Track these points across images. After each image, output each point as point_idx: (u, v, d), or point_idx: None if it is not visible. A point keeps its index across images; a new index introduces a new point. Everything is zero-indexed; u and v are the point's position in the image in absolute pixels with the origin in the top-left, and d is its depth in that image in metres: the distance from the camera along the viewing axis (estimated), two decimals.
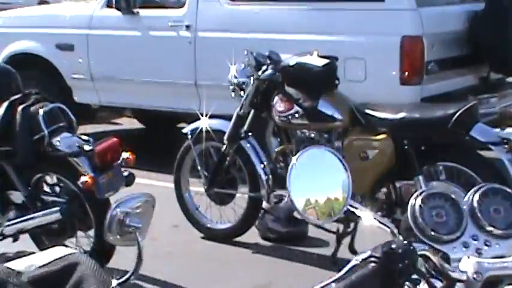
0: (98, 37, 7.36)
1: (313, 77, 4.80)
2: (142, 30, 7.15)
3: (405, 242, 1.59)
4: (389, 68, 6.09)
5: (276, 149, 5.00)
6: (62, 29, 7.56)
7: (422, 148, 4.60)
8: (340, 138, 4.77)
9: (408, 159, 4.54)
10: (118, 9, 7.12)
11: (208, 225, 5.41)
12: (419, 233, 1.66)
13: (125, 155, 4.50)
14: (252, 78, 5.00)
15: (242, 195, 5.27)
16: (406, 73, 6.06)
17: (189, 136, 5.29)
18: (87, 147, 4.33)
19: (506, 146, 4.36)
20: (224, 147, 5.17)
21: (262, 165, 5.09)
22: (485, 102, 6.78)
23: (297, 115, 4.81)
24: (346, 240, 4.59)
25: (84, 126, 8.47)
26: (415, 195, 1.71)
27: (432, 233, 1.66)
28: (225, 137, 5.13)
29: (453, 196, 1.71)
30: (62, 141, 4.40)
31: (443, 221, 1.68)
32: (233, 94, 5.15)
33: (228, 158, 5.20)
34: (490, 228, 1.68)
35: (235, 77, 5.07)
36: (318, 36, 6.30)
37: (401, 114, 4.58)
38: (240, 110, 5.09)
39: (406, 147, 4.55)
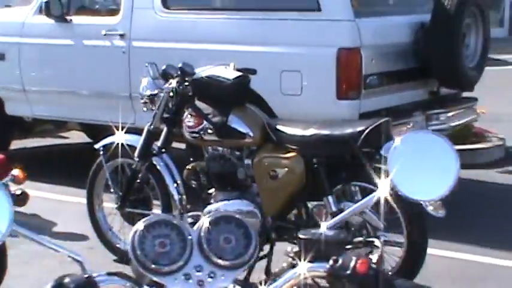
0: (29, 46, 7.03)
1: (222, 90, 4.48)
2: (76, 38, 6.82)
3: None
4: (325, 82, 5.77)
5: (187, 167, 4.66)
6: None
7: (335, 167, 4.27)
8: (251, 156, 4.44)
9: (318, 178, 4.22)
10: (50, 16, 6.77)
11: (122, 248, 5.06)
12: (140, 266, 1.54)
13: (15, 172, 4.14)
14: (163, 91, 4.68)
15: None
16: (343, 87, 5.74)
17: (101, 152, 4.96)
18: None
19: None
20: (135, 164, 4.84)
21: (175, 184, 4.76)
22: (435, 118, 6.48)
23: (206, 131, 4.49)
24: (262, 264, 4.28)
25: (24, 141, 8.20)
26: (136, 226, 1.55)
27: (153, 265, 1.55)
28: (136, 154, 4.80)
29: (176, 223, 1.57)
30: None
31: (165, 251, 1.57)
32: (145, 108, 4.83)
33: (139, 176, 4.86)
34: (216, 259, 1.58)
35: (146, 90, 4.74)
36: (255, 47, 6.01)
37: (311, 131, 4.26)
38: (151, 125, 4.76)
39: (315, 166, 4.23)
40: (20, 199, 4.14)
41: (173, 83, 4.62)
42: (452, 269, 5.00)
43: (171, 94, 4.65)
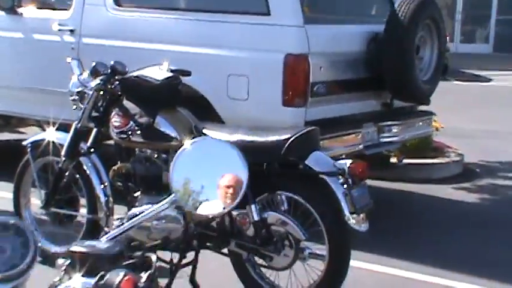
0: None
1: (150, 91, 4.36)
2: (26, 32, 6.70)
3: None
4: (272, 88, 5.65)
5: (113, 167, 4.54)
6: None
7: (260, 175, 4.15)
8: None
9: None
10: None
11: (46, 248, 4.93)
12: None
13: None
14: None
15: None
16: (289, 94, 5.62)
17: (29, 149, 4.83)
18: None
19: (340, 177, 3.93)
20: (61, 163, 4.71)
21: (102, 186, 4.64)
22: (387, 130, 6.38)
23: (133, 132, 4.37)
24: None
25: None
26: None
27: None
28: (62, 152, 4.68)
29: None
30: None
31: None
32: (74, 106, 4.71)
33: (66, 175, 4.74)
34: None
35: (74, 87, 4.62)
36: (203, 49, 5.90)
37: (235, 137, 4.14)
38: (78, 123, 4.64)
39: None
40: None
41: (102, 81, 4.50)
42: (378, 283, 4.90)
43: (101, 93, 4.53)
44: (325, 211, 4.05)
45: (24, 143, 4.89)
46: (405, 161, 7.66)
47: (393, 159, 7.68)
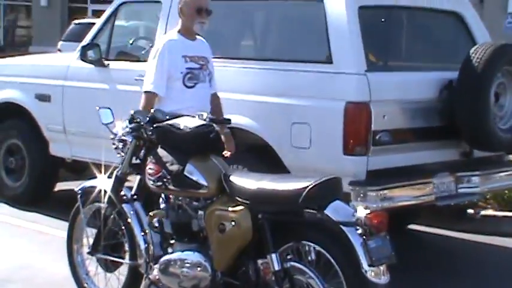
0: (71, 89, 7.25)
1: (181, 139, 4.41)
2: (111, 83, 6.96)
3: None
4: (333, 136, 5.58)
5: (150, 214, 4.61)
6: (41, 79, 7.49)
7: (283, 224, 4.09)
8: (205, 207, 4.34)
9: (263, 235, 4.06)
10: (85, 60, 6.95)
11: None
12: None
13: None
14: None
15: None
16: (350, 142, 5.53)
17: (79, 195, 4.99)
18: None
19: (358, 227, 3.81)
20: (105, 209, 4.83)
21: (142, 233, 4.70)
22: (466, 180, 6.13)
23: (165, 179, 4.42)
24: None
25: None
26: None
27: None
28: (105, 199, 4.80)
29: None
30: None
31: None
32: (117, 154, 4.83)
33: (111, 222, 4.85)
34: None
35: (117, 134, 4.76)
36: (268, 97, 5.91)
37: (257, 185, 4.11)
38: (119, 171, 4.76)
39: (260, 221, 4.07)
40: None
41: (140, 129, 4.61)
42: None
43: (140, 140, 4.64)
44: (345, 262, 3.93)
45: (75, 189, 5.04)
46: (483, 212, 7.31)
47: (470, 211, 7.34)
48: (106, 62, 6.97)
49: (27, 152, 7.69)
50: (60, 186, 7.90)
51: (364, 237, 3.84)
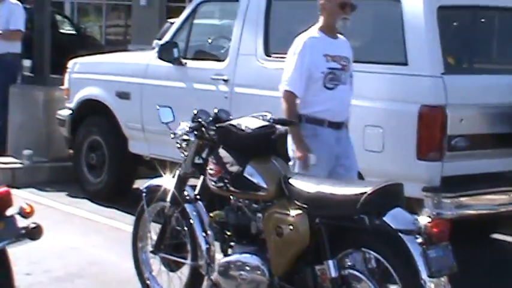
0: (150, 87, 7.27)
1: (241, 140, 4.34)
2: (188, 81, 6.96)
3: None
4: (406, 140, 5.42)
5: (210, 215, 4.56)
6: (121, 77, 7.55)
7: (341, 230, 3.97)
8: (264, 210, 4.25)
9: (320, 240, 3.95)
10: (163, 59, 6.96)
11: None
12: None
13: (23, 205, 4.28)
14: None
15: None
16: (423, 147, 5.35)
17: (144, 194, 4.98)
18: None
19: (418, 236, 3.65)
20: (167, 209, 4.81)
21: (203, 234, 4.66)
22: None
23: (225, 180, 4.36)
24: None
25: None
26: None
27: None
28: (168, 199, 4.77)
29: None
30: None
31: None
32: (181, 153, 4.80)
33: (173, 221, 4.82)
34: None
35: (180, 133, 4.72)
36: None
37: (316, 189, 4.00)
38: (182, 170, 4.73)
39: (318, 226, 3.96)
40: (34, 232, 4.27)
41: (202, 128, 4.57)
42: None
43: (203, 141, 4.60)
44: (404, 272, 3.78)
45: (141, 187, 5.04)
46: None
47: None
48: (184, 61, 6.97)
49: (107, 149, 7.78)
50: (139, 183, 7.94)
51: (424, 246, 3.68)
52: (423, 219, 3.70)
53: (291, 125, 4.78)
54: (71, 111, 8.08)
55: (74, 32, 22.09)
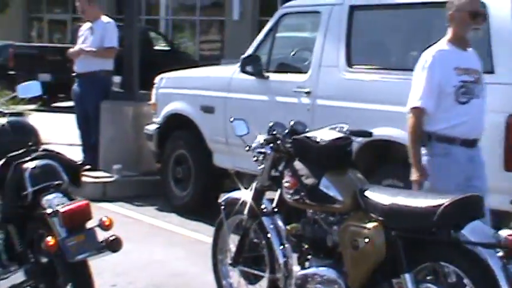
0: (233, 100, 7.32)
1: (317, 152, 4.30)
2: (270, 95, 6.96)
3: None
4: (492, 151, 5.25)
5: (287, 227, 4.54)
6: (206, 91, 7.62)
7: (419, 243, 3.88)
8: (340, 223, 4.20)
9: (396, 253, 3.87)
10: (244, 72, 7.00)
11: None
12: None
13: (103, 218, 4.37)
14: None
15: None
16: (511, 158, 5.19)
17: (222, 207, 5.00)
18: (59, 208, 4.25)
19: (498, 250, 3.53)
20: (245, 221, 4.81)
21: (281, 247, 4.63)
22: None
23: (300, 193, 4.33)
24: None
25: None
26: None
27: None
28: (245, 211, 4.77)
29: None
30: (46, 201, 4.37)
31: None
32: (258, 166, 4.80)
33: (251, 234, 4.82)
34: None
35: (254, 146, 4.72)
36: None
37: (392, 200, 3.92)
38: (258, 183, 4.72)
39: (394, 239, 3.88)
40: (114, 244, 4.35)
41: (278, 141, 4.55)
42: None
43: (279, 153, 4.59)
44: (483, 287, 3.65)
45: (220, 200, 5.06)
46: None
47: None
48: (266, 74, 6.99)
49: (193, 163, 7.86)
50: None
51: (505, 260, 3.56)
52: (504, 232, 3.58)
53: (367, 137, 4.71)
54: (158, 126, 8.22)
55: (167, 48, 22.46)
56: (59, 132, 11.96)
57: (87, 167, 9.13)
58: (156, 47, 22.12)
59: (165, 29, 28.50)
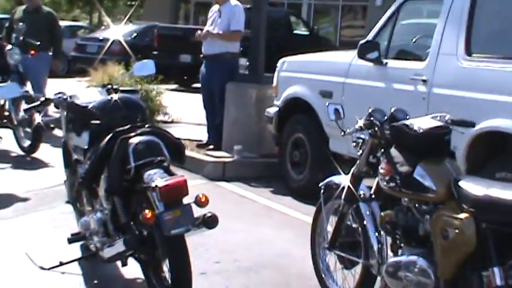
0: (351, 86, 7.30)
1: (413, 140, 4.25)
2: (387, 81, 6.90)
3: None
4: None
5: (381, 214, 4.52)
6: (325, 76, 7.64)
7: (508, 236, 3.78)
8: (432, 212, 4.15)
9: (486, 245, 3.79)
10: (363, 58, 6.96)
11: None
12: None
13: (199, 195, 4.50)
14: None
15: None
16: None
17: (322, 191, 5.04)
18: (157, 183, 4.41)
19: None
20: (342, 206, 4.82)
21: (376, 233, 4.62)
22: None
23: (395, 180, 4.31)
24: None
25: None
26: None
27: None
28: (343, 196, 4.79)
29: None
30: (147, 176, 4.55)
31: None
32: (357, 152, 4.80)
33: (346, 219, 4.83)
34: None
35: (350, 131, 4.72)
36: None
37: (484, 192, 3.84)
38: (356, 168, 4.72)
39: (484, 230, 3.80)
40: (210, 221, 4.49)
41: (377, 127, 4.54)
42: None
43: (377, 140, 4.57)
44: None
45: (320, 184, 5.09)
46: None
47: None
48: (384, 61, 6.93)
49: (309, 147, 7.91)
50: None
51: None
52: None
53: (471, 127, 4.61)
54: (278, 109, 8.31)
55: (306, 33, 22.53)
56: (191, 111, 12.28)
57: (211, 146, 9.38)
58: (295, 31, 22.23)
59: (307, 13, 28.59)
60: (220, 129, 9.43)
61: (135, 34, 20.99)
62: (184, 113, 12.45)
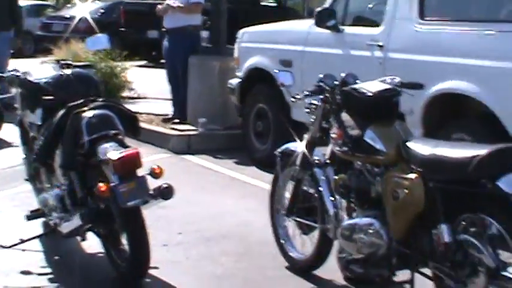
0: (310, 54, 7.32)
1: (362, 103, 4.30)
2: (344, 48, 6.93)
3: None
4: None
5: (334, 177, 4.57)
6: (284, 45, 7.65)
7: (456, 194, 3.84)
8: (383, 174, 4.20)
9: (433, 204, 3.85)
10: (321, 26, 6.98)
11: (291, 254, 5.11)
12: None
13: (153, 166, 4.52)
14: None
15: None
16: None
17: (278, 158, 5.07)
18: (111, 156, 4.42)
19: None
20: (297, 173, 4.86)
21: (331, 198, 4.67)
22: None
23: (346, 144, 4.35)
24: None
25: None
26: None
27: None
28: (297, 162, 4.83)
29: None
30: (101, 149, 4.55)
31: None
32: (310, 118, 4.83)
33: (302, 185, 4.87)
34: None
35: (299, 97, 4.76)
36: (502, 62, 5.49)
37: (431, 151, 3.89)
38: (309, 134, 4.76)
39: (431, 189, 3.86)
40: (165, 192, 4.51)
41: (327, 92, 4.57)
42: None
43: (327, 105, 4.60)
44: None
45: (276, 151, 5.13)
46: None
47: None
48: (341, 27, 6.96)
49: (272, 117, 7.94)
50: None
51: None
52: None
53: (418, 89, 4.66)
54: (240, 80, 8.32)
55: (274, 4, 22.47)
56: (157, 87, 12.25)
57: (176, 120, 9.38)
58: (263, 3, 22.16)
59: None
60: (184, 103, 9.43)
61: (102, 11, 20.84)
62: (150, 88, 12.43)
